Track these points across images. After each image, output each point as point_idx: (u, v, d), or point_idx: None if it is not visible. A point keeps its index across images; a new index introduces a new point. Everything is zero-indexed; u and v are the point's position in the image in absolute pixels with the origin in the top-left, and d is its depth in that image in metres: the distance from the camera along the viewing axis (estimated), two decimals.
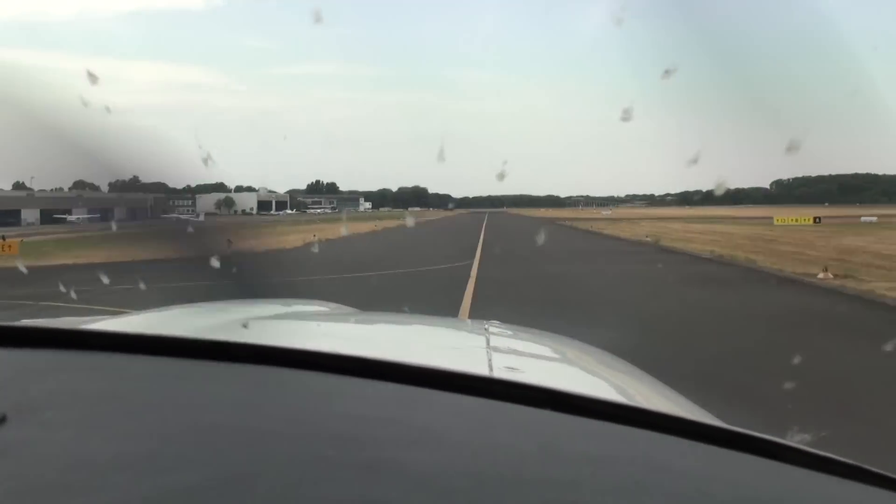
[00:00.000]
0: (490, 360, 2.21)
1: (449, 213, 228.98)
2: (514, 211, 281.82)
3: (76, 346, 1.53)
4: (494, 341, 2.58)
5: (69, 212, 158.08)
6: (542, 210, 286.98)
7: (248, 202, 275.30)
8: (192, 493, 0.95)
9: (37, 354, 1.49)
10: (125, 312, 3.15)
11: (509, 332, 2.99)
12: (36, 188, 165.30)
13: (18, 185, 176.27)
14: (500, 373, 1.98)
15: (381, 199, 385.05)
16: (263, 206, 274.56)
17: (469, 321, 3.64)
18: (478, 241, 58.57)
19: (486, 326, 2.92)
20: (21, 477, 0.98)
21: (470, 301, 21.90)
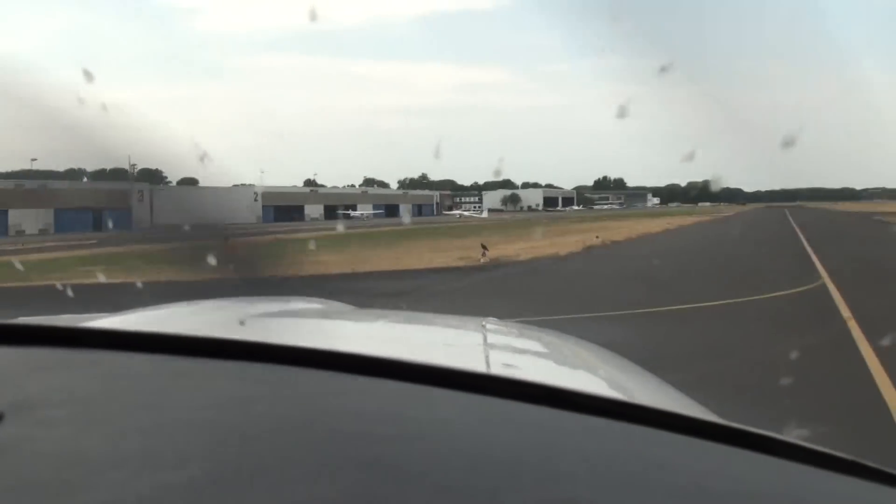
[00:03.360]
0: (487, 357, 2.24)
1: (742, 209, 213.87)
2: (812, 205, 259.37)
3: (74, 344, 1.51)
4: (492, 338, 2.59)
5: (353, 207, 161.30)
6: (842, 204, 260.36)
7: (534, 198, 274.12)
8: (190, 490, 0.96)
9: (34, 352, 1.47)
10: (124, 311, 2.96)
11: (506, 329, 3.03)
12: (329, 185, 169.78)
13: (309, 182, 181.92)
14: (498, 370, 2.02)
15: (669, 194, 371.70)
16: (549, 202, 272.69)
17: (466, 318, 3.23)
18: (801, 244, 47.70)
19: (484, 323, 2.88)
20: (18, 475, 0.99)
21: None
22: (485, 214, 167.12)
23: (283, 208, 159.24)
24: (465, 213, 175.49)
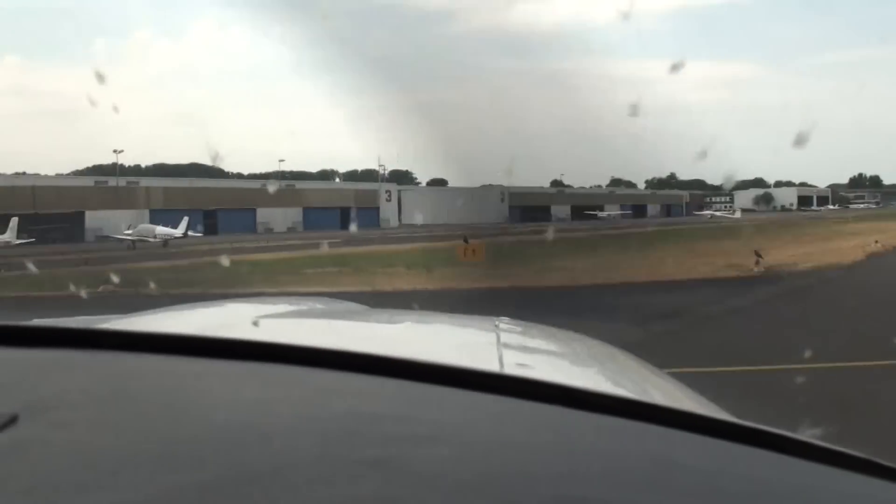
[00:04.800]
0: (501, 356, 2.22)
1: None
2: None
3: (88, 346, 1.53)
4: (505, 338, 2.54)
5: (601, 208, 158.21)
6: None
7: (788, 197, 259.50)
8: (202, 490, 0.97)
9: (48, 354, 1.49)
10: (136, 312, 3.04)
11: (520, 329, 2.97)
12: (575, 185, 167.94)
13: (556, 183, 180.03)
14: (511, 369, 2.01)
15: None
16: (803, 201, 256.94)
17: (479, 318, 3.16)
18: None
19: (497, 323, 2.86)
20: (33, 475, 0.99)
21: None
22: (737, 215, 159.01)
23: (530, 209, 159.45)
24: (717, 214, 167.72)
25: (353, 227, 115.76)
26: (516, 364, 2.12)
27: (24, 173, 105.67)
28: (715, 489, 1.08)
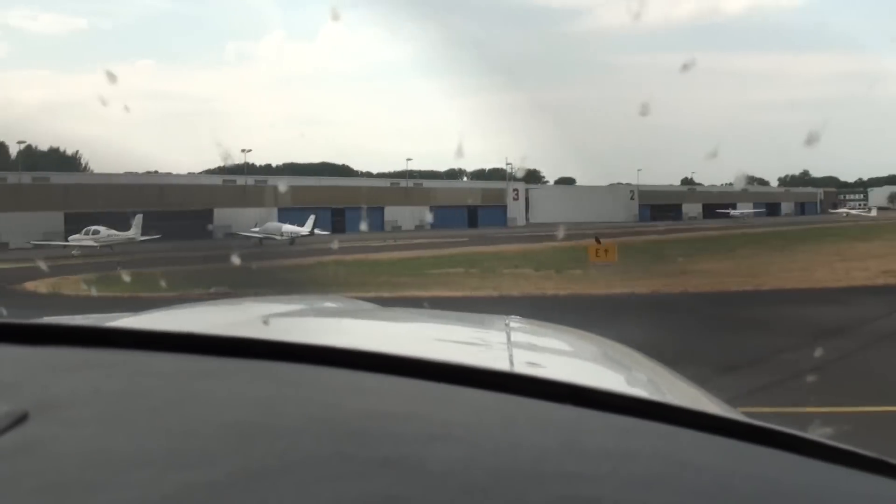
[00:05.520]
0: (511, 355, 2.21)
1: None
2: None
3: (98, 344, 1.53)
4: (515, 336, 2.57)
5: (733, 206, 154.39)
6: None
7: None
8: (213, 489, 0.97)
9: (58, 352, 1.49)
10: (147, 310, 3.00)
11: (530, 328, 2.99)
12: (706, 183, 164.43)
13: (686, 181, 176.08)
14: (522, 368, 2.01)
15: None
16: None
17: (489, 316, 3.19)
18: None
19: (507, 322, 2.85)
20: (43, 474, 1.00)
21: None
22: (873, 213, 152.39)
23: (660, 207, 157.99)
24: (852, 212, 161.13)
25: (480, 226, 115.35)
26: (527, 363, 2.13)
27: (155, 172, 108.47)
28: (727, 489, 1.08)
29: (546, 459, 1.09)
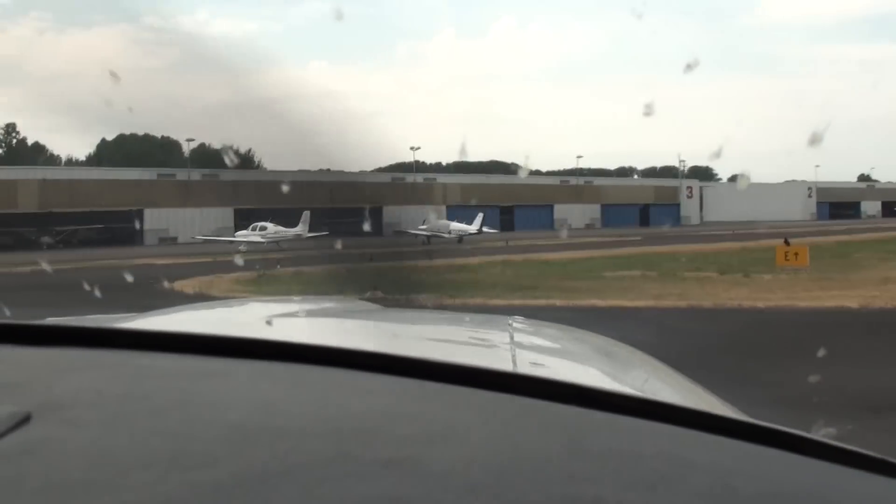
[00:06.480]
0: (514, 355, 2.21)
1: None
2: None
3: (101, 345, 1.55)
4: (518, 337, 2.56)
5: None
6: None
7: None
8: (216, 489, 0.98)
9: (61, 353, 1.50)
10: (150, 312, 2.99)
11: (533, 328, 2.99)
12: (883, 180, 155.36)
13: (863, 178, 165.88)
14: (525, 368, 2.02)
15: None
16: None
17: (493, 316, 3.33)
18: None
19: (510, 322, 2.87)
20: (46, 475, 1.00)
21: None
22: None
23: (838, 205, 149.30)
24: None
25: (652, 225, 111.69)
26: (530, 363, 2.13)
27: (328, 170, 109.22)
28: (729, 489, 1.07)
29: (550, 460, 1.09)
